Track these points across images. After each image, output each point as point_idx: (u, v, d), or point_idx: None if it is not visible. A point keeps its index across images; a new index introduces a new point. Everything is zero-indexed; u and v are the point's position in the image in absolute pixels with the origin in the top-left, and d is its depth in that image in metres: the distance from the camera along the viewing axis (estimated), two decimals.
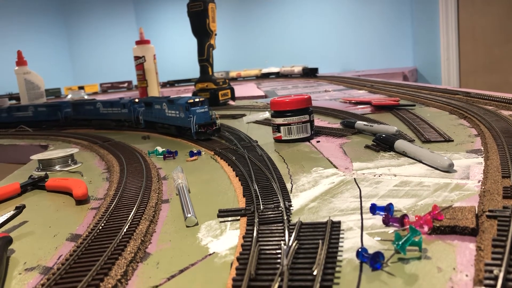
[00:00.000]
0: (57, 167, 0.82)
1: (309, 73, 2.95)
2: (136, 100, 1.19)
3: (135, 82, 3.75)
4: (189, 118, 0.92)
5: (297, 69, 3.04)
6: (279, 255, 0.35)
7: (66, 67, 5.03)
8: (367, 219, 0.43)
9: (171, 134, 1.04)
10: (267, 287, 0.31)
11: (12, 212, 0.52)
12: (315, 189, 0.55)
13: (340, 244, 0.38)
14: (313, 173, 0.62)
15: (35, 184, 0.70)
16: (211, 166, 0.73)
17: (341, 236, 0.40)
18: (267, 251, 0.36)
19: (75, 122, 1.39)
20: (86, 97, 2.76)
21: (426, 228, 0.39)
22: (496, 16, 2.83)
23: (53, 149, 1.02)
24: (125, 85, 3.71)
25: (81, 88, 3.53)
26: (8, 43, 4.16)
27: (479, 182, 0.51)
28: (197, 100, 0.93)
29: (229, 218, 0.47)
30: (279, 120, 0.85)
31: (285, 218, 0.43)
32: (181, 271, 0.36)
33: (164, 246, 0.42)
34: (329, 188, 0.55)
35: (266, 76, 3.26)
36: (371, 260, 0.33)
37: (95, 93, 3.56)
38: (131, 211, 0.49)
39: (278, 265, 0.34)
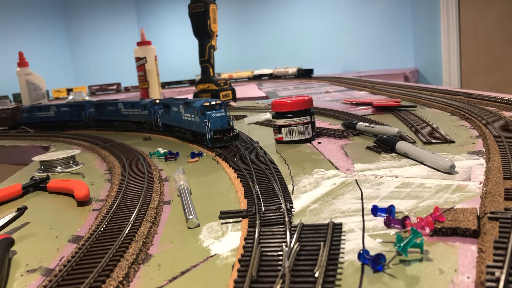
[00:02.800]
0: (59, 169, 0.83)
1: (304, 74, 2.97)
2: (157, 101, 1.12)
3: (124, 84, 3.74)
4: (204, 123, 0.84)
5: (292, 70, 3.06)
6: (281, 257, 0.35)
7: (67, 68, 5.03)
8: (369, 221, 0.43)
9: (187, 139, 0.97)
10: None
11: (14, 214, 0.53)
12: (317, 191, 0.55)
13: (342, 246, 0.38)
14: (314, 175, 0.62)
15: (37, 186, 0.70)
16: (212, 167, 0.73)
17: (342, 238, 0.40)
18: (269, 253, 0.36)
19: (98, 123, 1.33)
20: (87, 98, 2.76)
21: (427, 230, 0.39)
22: (497, 16, 2.83)
23: (55, 151, 1.02)
24: (114, 87, 3.68)
25: (69, 90, 3.48)
26: (9, 44, 4.16)
27: (480, 183, 0.51)
28: (213, 103, 0.85)
29: (231, 220, 0.47)
30: (281, 121, 0.85)
31: (286, 219, 0.43)
32: (183, 272, 0.37)
33: (166, 248, 0.42)
34: (330, 189, 0.55)
35: (258, 77, 3.26)
36: (373, 262, 0.33)
37: None
38: (133, 213, 0.49)
39: (279, 267, 0.34)
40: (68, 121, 1.40)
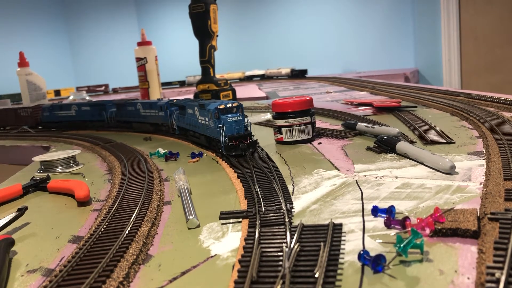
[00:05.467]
0: (59, 169, 0.83)
1: (299, 75, 3.00)
2: (175, 101, 1.04)
3: (112, 86, 3.72)
4: (218, 128, 0.76)
5: (285, 70, 3.08)
6: (281, 258, 0.35)
7: (67, 69, 5.03)
8: (369, 221, 0.43)
9: (202, 145, 0.90)
10: None
11: (14, 214, 0.53)
12: (317, 191, 0.55)
13: (342, 246, 0.38)
14: (314, 175, 0.62)
15: (37, 186, 0.70)
16: (212, 167, 0.73)
17: (342, 238, 0.40)
18: (269, 254, 0.36)
19: (118, 124, 1.27)
20: (87, 98, 2.76)
21: (427, 231, 0.39)
22: (498, 17, 2.83)
23: (55, 151, 1.02)
24: (102, 88, 3.66)
25: (57, 92, 3.43)
26: (10, 44, 4.16)
27: (480, 184, 0.51)
28: (229, 105, 0.76)
29: (231, 220, 0.47)
30: (281, 122, 0.85)
31: (286, 220, 0.43)
32: (183, 273, 0.37)
33: (166, 248, 0.42)
34: (330, 190, 0.55)
35: (249, 78, 3.29)
36: (373, 263, 0.33)
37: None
38: (133, 213, 0.49)
39: (280, 268, 0.34)
40: (89, 121, 1.35)
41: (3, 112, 1.63)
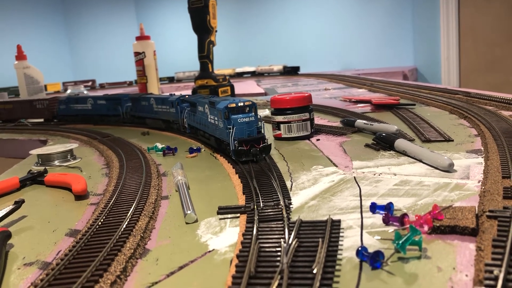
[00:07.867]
0: (56, 162, 0.82)
1: (291, 71, 3.02)
2: (186, 97, 0.98)
3: (99, 81, 3.71)
4: (227, 130, 0.68)
5: (277, 67, 3.09)
6: (279, 253, 0.35)
7: (65, 62, 5.02)
8: (367, 218, 0.43)
9: (212, 146, 0.82)
10: (267, 285, 0.31)
11: (11, 207, 0.52)
12: (315, 187, 0.55)
13: (340, 242, 0.38)
14: (313, 171, 0.62)
15: (34, 179, 0.70)
16: (211, 163, 0.73)
17: (341, 234, 0.40)
18: (267, 249, 0.36)
19: (132, 119, 1.23)
20: (85, 92, 2.75)
21: (426, 228, 0.39)
22: (497, 15, 2.83)
23: (52, 144, 1.02)
24: (89, 84, 3.64)
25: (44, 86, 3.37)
26: (7, 37, 4.14)
27: (479, 182, 0.51)
28: (240, 104, 0.68)
29: (229, 215, 0.47)
30: (279, 118, 0.84)
31: (285, 216, 0.43)
32: (181, 267, 0.36)
33: (164, 243, 0.42)
34: (329, 186, 0.55)
35: (240, 75, 3.30)
36: (371, 259, 0.33)
37: (58, 92, 3.29)
38: (131, 207, 0.49)
39: (278, 263, 0.33)
40: (105, 115, 1.32)
41: (18, 104, 1.58)
